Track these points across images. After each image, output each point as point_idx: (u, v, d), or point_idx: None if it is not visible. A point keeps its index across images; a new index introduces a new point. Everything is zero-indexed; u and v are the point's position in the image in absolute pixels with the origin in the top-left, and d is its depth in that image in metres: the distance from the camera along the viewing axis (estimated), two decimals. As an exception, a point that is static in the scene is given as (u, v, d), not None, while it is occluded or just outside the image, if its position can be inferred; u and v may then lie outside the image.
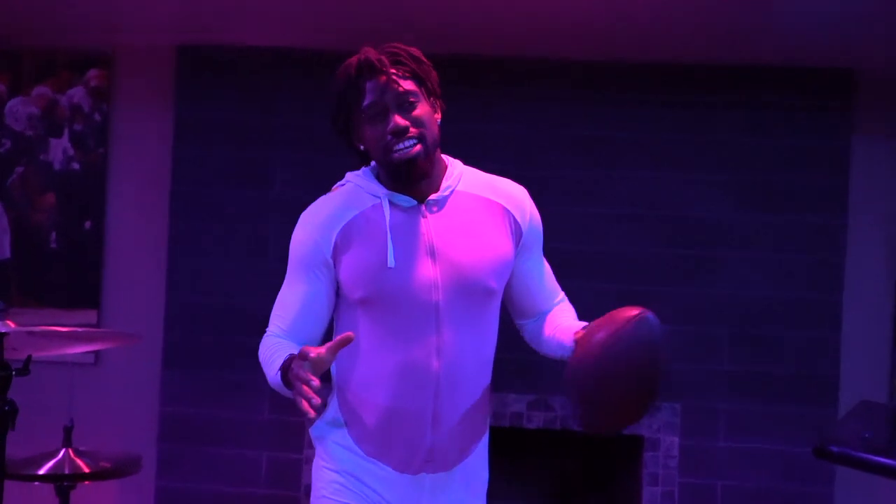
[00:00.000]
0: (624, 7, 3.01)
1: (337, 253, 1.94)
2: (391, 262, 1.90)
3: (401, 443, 1.95)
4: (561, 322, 2.03)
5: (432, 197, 1.96)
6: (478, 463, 2.05)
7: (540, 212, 3.10)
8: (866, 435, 2.05)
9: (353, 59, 1.92)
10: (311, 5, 3.14)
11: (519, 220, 2.03)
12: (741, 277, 3.44)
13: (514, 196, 2.04)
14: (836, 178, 3.44)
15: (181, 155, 3.52)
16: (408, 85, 1.90)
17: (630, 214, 3.46)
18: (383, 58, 1.90)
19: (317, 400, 1.73)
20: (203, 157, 3.52)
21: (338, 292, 2.00)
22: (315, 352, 1.77)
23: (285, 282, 2.02)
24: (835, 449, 1.98)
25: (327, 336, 1.99)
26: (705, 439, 3.42)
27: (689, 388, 3.42)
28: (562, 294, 2.15)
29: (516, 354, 2.29)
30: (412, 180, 1.93)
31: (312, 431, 2.07)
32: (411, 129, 1.89)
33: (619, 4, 2.99)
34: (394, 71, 1.90)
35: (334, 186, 2.04)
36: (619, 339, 1.77)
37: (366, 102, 1.90)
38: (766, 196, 3.46)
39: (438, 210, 1.96)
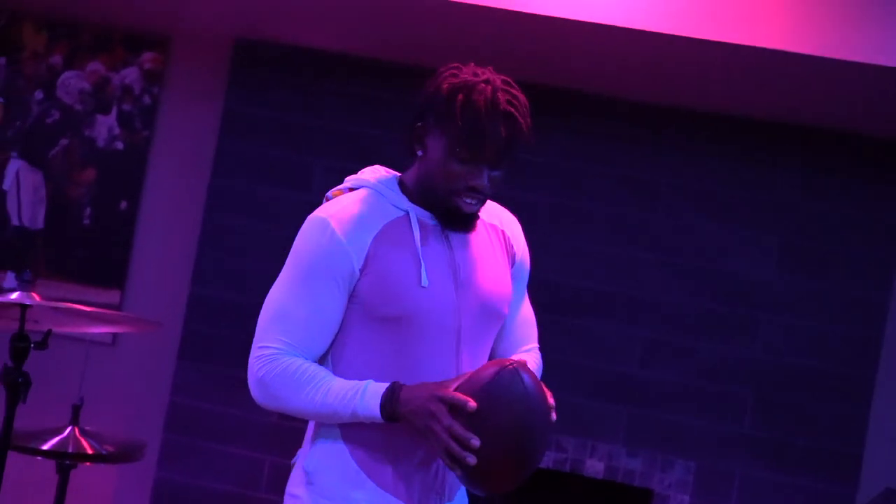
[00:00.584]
0: (696, 56, 3.00)
1: (367, 264, 1.83)
2: (425, 281, 1.83)
3: (417, 474, 1.87)
4: None
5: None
6: (464, 490, 1.99)
7: (578, 246, 3.02)
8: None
9: (482, 84, 1.78)
10: (372, 14, 3.15)
11: (514, 247, 2.00)
12: (774, 340, 3.41)
13: (511, 223, 2.01)
14: (884, 252, 3.41)
15: (225, 148, 3.54)
16: (512, 148, 1.80)
17: (668, 261, 3.45)
18: (504, 104, 1.76)
19: (473, 460, 1.67)
20: (246, 152, 3.54)
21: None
22: (467, 402, 1.69)
23: (288, 289, 1.86)
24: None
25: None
26: (717, 502, 3.38)
27: (706, 448, 3.39)
28: (535, 344, 2.08)
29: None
30: (453, 227, 1.89)
31: (308, 464, 1.89)
32: (487, 191, 1.84)
33: (692, 53, 2.98)
34: (510, 129, 1.78)
35: (335, 189, 1.94)
36: (484, 393, 1.72)
37: (470, 142, 1.78)
38: (812, 261, 3.44)
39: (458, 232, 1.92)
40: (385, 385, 1.77)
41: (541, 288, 3.44)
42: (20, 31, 3.71)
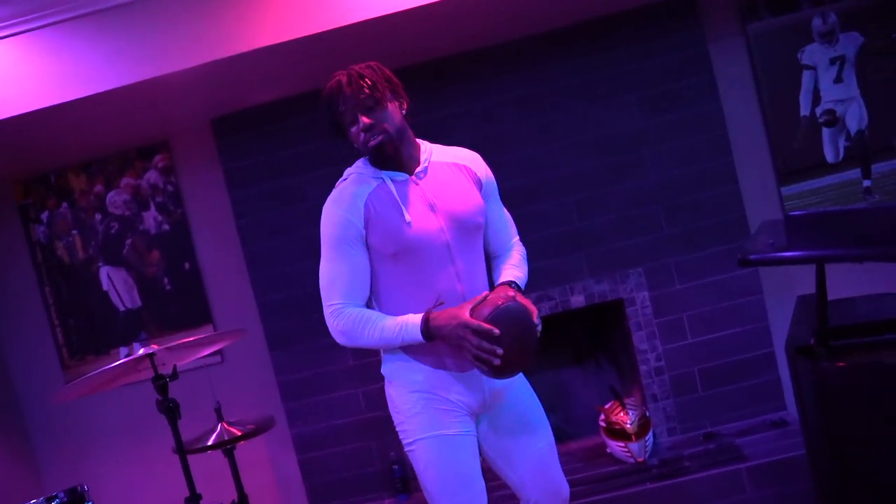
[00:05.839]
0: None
1: (367, 224, 1.97)
2: (408, 219, 1.96)
3: (452, 351, 2.01)
4: (499, 273, 2.21)
5: (417, 169, 2.06)
6: None
7: (508, 158, 3.22)
8: (771, 242, 2.04)
9: (332, 79, 2.02)
10: (296, 63, 3.12)
11: (478, 174, 2.14)
12: (660, 166, 3.48)
13: (471, 159, 2.17)
14: (697, 75, 3.47)
15: (236, 196, 3.58)
16: (367, 93, 1.97)
17: (572, 143, 3.49)
18: (343, 79, 1.99)
19: (498, 363, 1.88)
20: (252, 193, 3.56)
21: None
22: (492, 330, 1.89)
23: (327, 260, 1.99)
24: (753, 257, 1.97)
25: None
26: (666, 288, 3.48)
27: (646, 256, 3.49)
28: (516, 238, 2.26)
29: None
30: (388, 159, 2.01)
31: (384, 370, 2.08)
32: (375, 126, 1.97)
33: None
34: (355, 86, 1.96)
35: (338, 182, 2.07)
36: (494, 318, 1.93)
37: (338, 111, 1.99)
38: (662, 103, 3.47)
39: (424, 177, 2.05)
40: (419, 316, 1.94)
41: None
42: (67, 180, 3.79)
